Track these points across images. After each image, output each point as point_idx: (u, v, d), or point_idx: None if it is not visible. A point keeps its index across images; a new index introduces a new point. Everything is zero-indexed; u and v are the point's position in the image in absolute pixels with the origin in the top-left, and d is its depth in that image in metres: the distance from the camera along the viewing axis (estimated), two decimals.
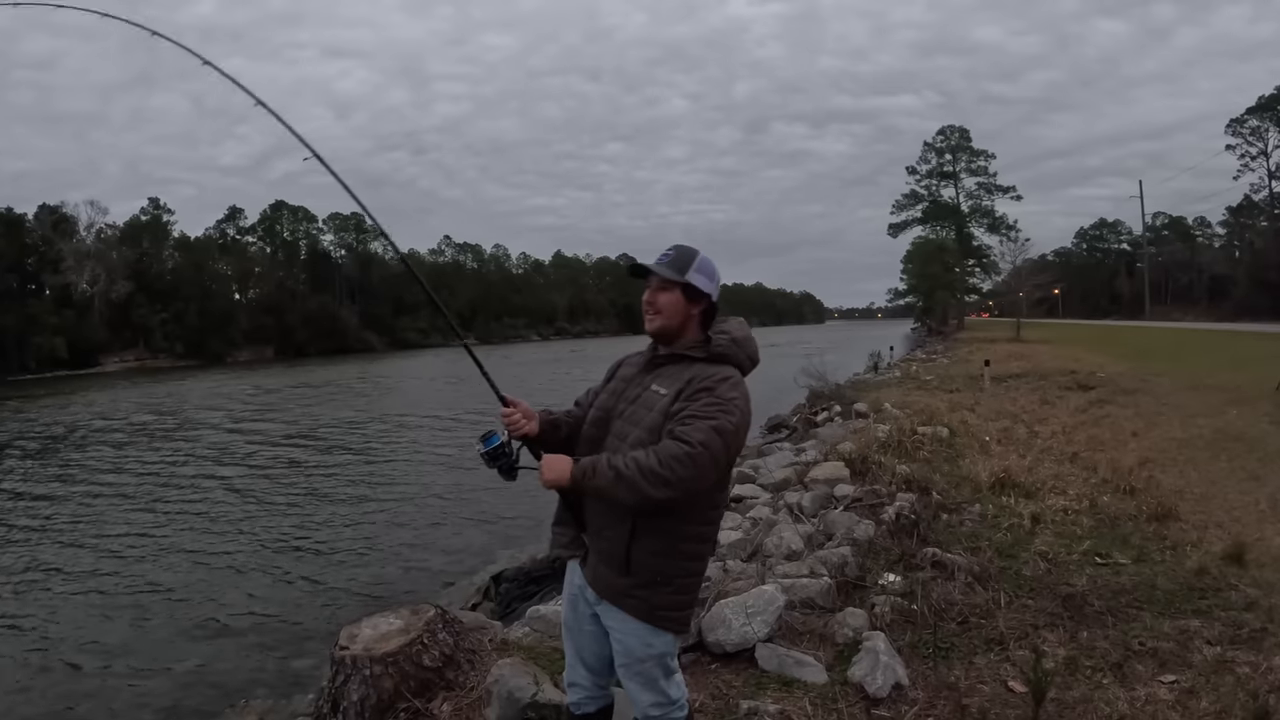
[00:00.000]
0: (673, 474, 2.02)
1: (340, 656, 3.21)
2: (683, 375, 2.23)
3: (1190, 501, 6.35)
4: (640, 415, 2.24)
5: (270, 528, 10.58)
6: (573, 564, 2.39)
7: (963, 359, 26.45)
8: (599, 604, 2.28)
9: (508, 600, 6.28)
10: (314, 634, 6.93)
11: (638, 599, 2.20)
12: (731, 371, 2.24)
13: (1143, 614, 4.13)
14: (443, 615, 3.39)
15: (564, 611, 2.49)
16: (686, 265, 2.29)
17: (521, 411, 2.34)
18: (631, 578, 2.18)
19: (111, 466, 15.67)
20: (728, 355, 2.27)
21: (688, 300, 2.30)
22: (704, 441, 2.06)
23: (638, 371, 2.39)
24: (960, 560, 4.68)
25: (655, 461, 2.03)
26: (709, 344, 2.28)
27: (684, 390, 2.19)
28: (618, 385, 2.41)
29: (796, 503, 6.42)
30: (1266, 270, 55.30)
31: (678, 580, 2.22)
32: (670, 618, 2.24)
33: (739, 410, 2.17)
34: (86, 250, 65.90)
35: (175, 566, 8.95)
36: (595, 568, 2.26)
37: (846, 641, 3.71)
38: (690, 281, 2.28)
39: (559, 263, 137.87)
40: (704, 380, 2.19)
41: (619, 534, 2.18)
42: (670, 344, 2.33)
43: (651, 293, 2.31)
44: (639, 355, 2.47)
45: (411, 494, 12.61)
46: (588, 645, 2.40)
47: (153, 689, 6.09)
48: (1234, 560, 4.85)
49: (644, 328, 2.35)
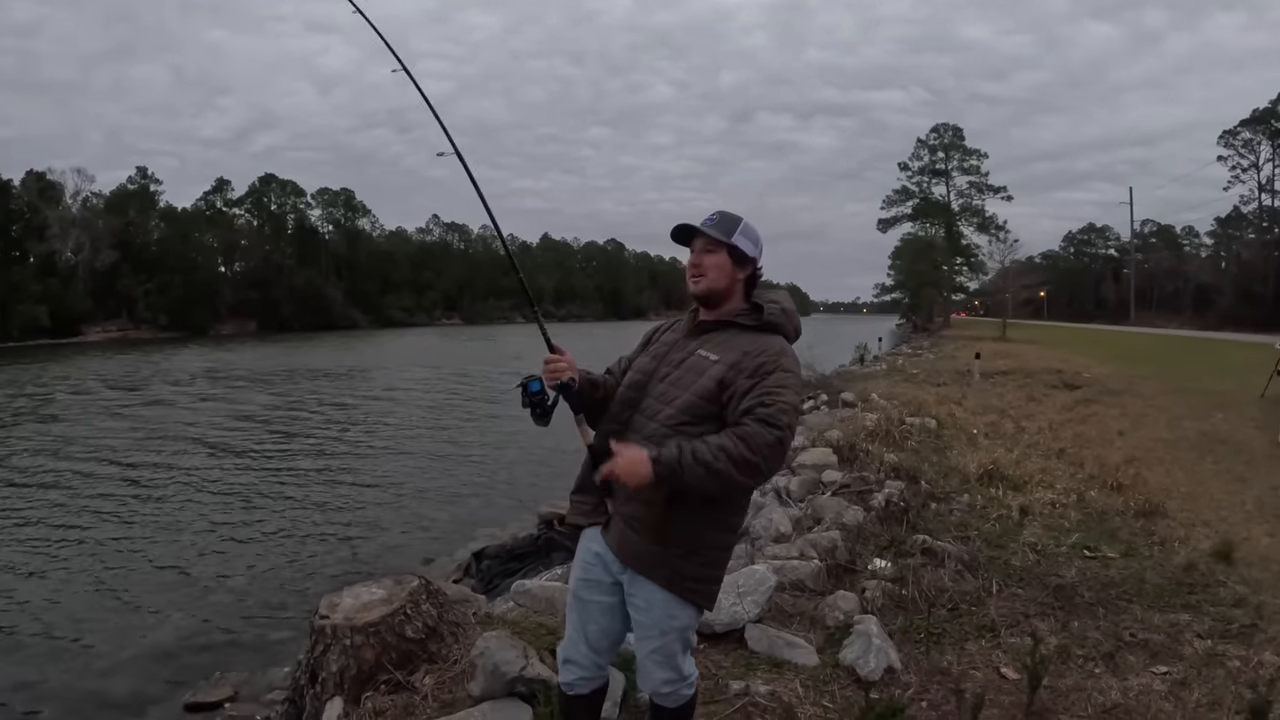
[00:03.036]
0: (766, 462, 1.97)
1: (320, 626, 3.11)
2: (736, 345, 2.16)
3: (1177, 500, 6.36)
4: (688, 380, 2.16)
5: (249, 501, 10.44)
6: (591, 530, 2.28)
7: (949, 355, 26.53)
8: (624, 573, 2.18)
9: (489, 577, 6.21)
10: (291, 607, 6.85)
11: (668, 568, 2.11)
12: (785, 344, 2.18)
13: (1133, 607, 4.12)
14: (427, 586, 3.30)
15: (573, 579, 2.34)
16: (733, 228, 2.22)
17: (566, 361, 2.25)
18: (665, 546, 2.10)
19: (88, 437, 15.41)
20: (779, 325, 2.20)
21: (734, 264, 2.23)
22: (790, 425, 2.01)
23: (682, 336, 2.31)
24: (950, 548, 4.65)
25: (747, 449, 1.95)
26: (761, 312, 2.21)
27: (741, 363, 2.10)
28: (659, 349, 2.33)
29: (784, 486, 6.38)
30: (1252, 282, 55.80)
31: (708, 552, 2.15)
32: (698, 590, 2.16)
33: (801, 384, 2.15)
34: (72, 218, 65.05)
35: (151, 537, 8.81)
36: (623, 535, 2.15)
37: (837, 624, 3.66)
38: (737, 245, 2.21)
39: (546, 245, 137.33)
40: (764, 354, 2.11)
41: (655, 500, 2.06)
42: (715, 309, 2.25)
43: (698, 254, 2.24)
44: (679, 321, 2.39)
45: (393, 470, 12.50)
46: (596, 618, 2.27)
47: (126, 660, 5.99)
48: (1222, 558, 4.86)
49: (690, 291, 2.27)
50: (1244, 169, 62.98)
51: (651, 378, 2.25)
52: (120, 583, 7.47)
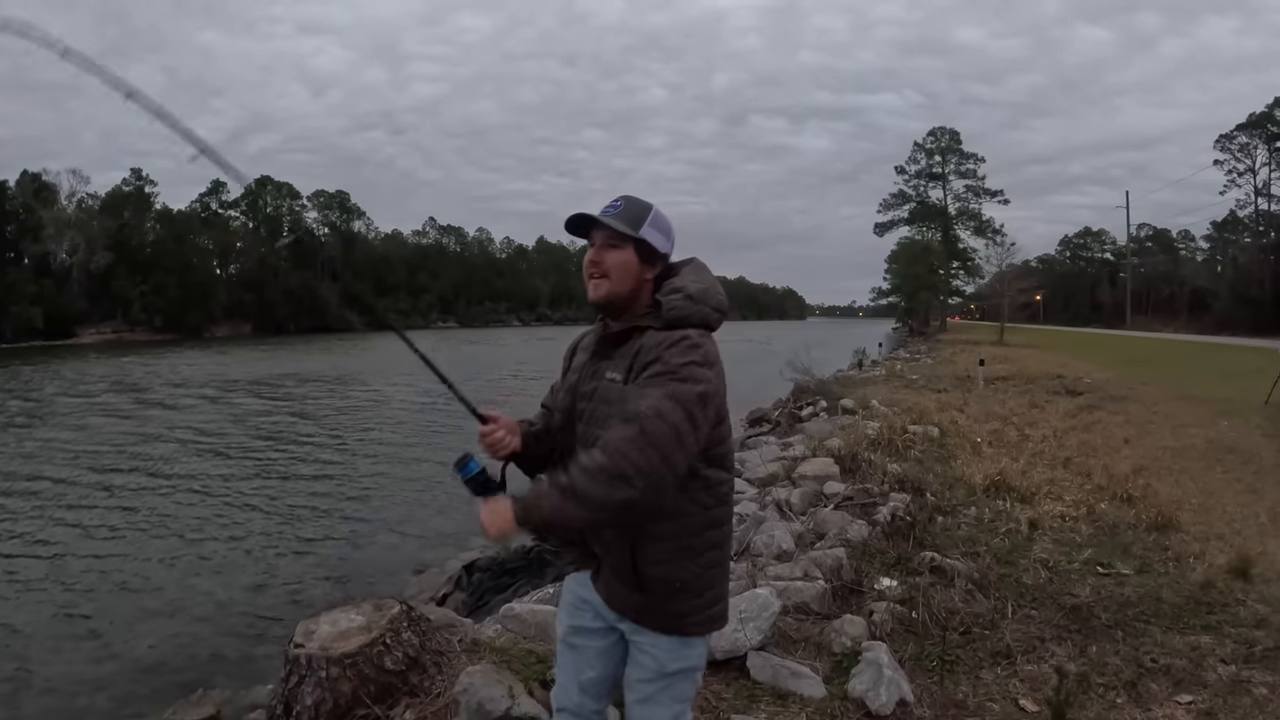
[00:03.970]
0: (628, 463, 1.63)
1: (295, 655, 2.91)
2: (631, 351, 1.85)
3: (1189, 512, 6.18)
4: (600, 414, 1.85)
5: (236, 508, 10.22)
6: (579, 575, 2.05)
7: (947, 360, 26.38)
8: (621, 621, 1.95)
9: (480, 592, 6.01)
10: (279, 619, 6.65)
11: (660, 614, 1.88)
12: (683, 334, 1.81)
13: (1151, 628, 3.94)
14: (408, 612, 3.10)
15: (561, 624, 2.12)
16: (641, 218, 1.89)
17: (503, 427, 1.97)
18: (647, 594, 1.86)
19: (73, 443, 15.15)
20: (684, 318, 1.85)
21: (641, 261, 1.89)
22: (656, 410, 1.67)
23: (588, 358, 2.00)
24: (960, 566, 4.46)
25: (601, 458, 1.65)
26: (660, 309, 1.86)
27: (632, 368, 1.81)
28: (572, 378, 2.03)
29: (785, 499, 6.19)
30: (1249, 286, 55.81)
31: (697, 582, 1.88)
32: (700, 621, 1.91)
33: (697, 370, 1.75)
34: (67, 219, 64.77)
35: (132, 547, 8.59)
36: (609, 584, 1.93)
37: (844, 651, 3.46)
38: (645, 238, 1.88)
39: (542, 248, 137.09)
40: (649, 350, 1.80)
41: (620, 548, 1.84)
42: (619, 316, 1.92)
43: (596, 250, 1.89)
44: (590, 336, 2.07)
45: (385, 476, 12.30)
46: (592, 663, 2.04)
47: (106, 675, 5.82)
48: (1239, 574, 4.68)
49: (588, 296, 1.93)
50: (1240, 173, 63.14)
51: (572, 418, 1.97)
52: (99, 596, 7.27)
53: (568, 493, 1.65)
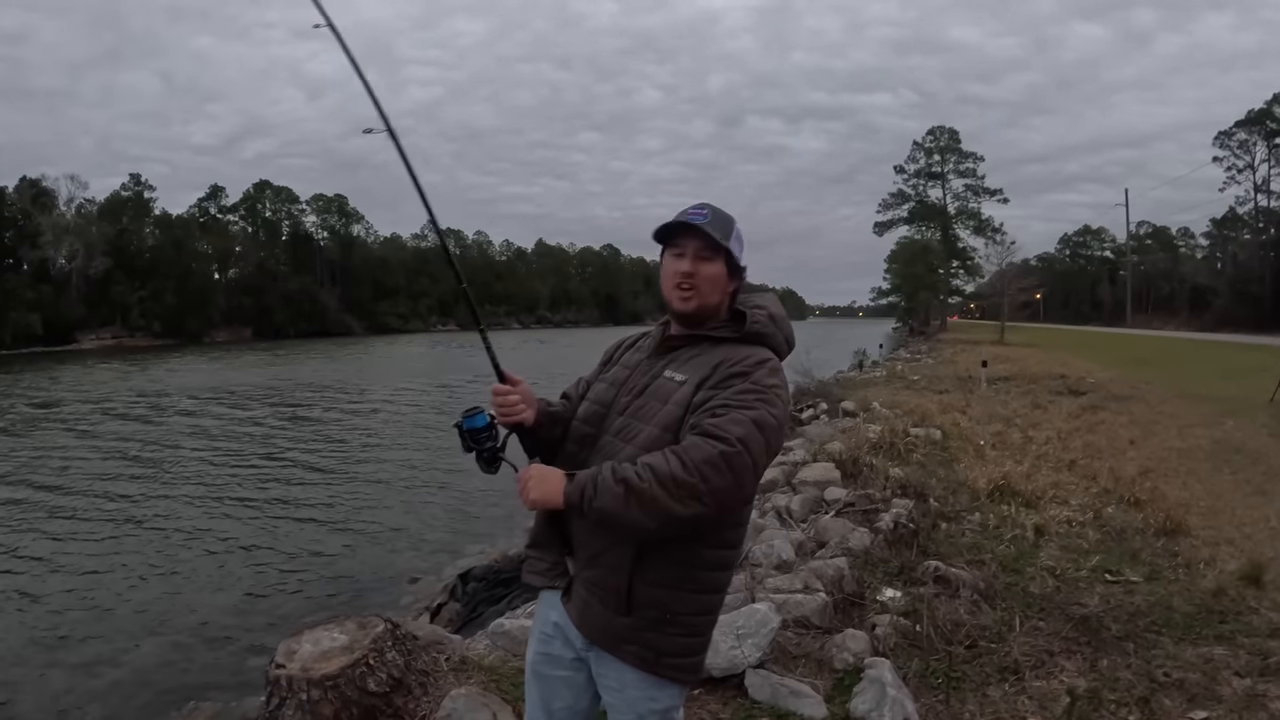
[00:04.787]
0: (705, 483, 1.52)
1: (275, 676, 2.81)
2: (708, 359, 1.75)
3: (1198, 516, 6.05)
4: (651, 409, 1.75)
5: (231, 518, 10.13)
6: (549, 595, 1.89)
7: (948, 360, 26.25)
8: (589, 650, 1.80)
9: (474, 602, 5.90)
10: (273, 629, 6.59)
11: (640, 644, 1.72)
12: (768, 355, 1.75)
13: (1163, 639, 3.81)
14: (393, 631, 2.98)
15: (531, 652, 1.96)
16: (729, 230, 1.79)
17: (521, 394, 1.86)
18: (632, 617, 1.70)
19: (66, 451, 15.07)
20: (765, 336, 1.78)
21: (729, 275, 1.81)
22: (744, 438, 1.56)
23: (646, 356, 1.90)
24: (965, 575, 4.33)
25: (679, 466, 1.53)
26: (744, 321, 1.79)
27: (710, 377, 1.70)
28: (619, 373, 1.92)
29: (785, 506, 6.08)
30: (1249, 283, 55.77)
31: (689, 619, 1.74)
32: (679, 665, 1.75)
33: (781, 401, 1.68)
34: (66, 225, 64.73)
35: (127, 557, 8.52)
36: (584, 604, 1.76)
37: (846, 668, 3.33)
38: (733, 251, 1.80)
39: (542, 251, 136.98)
40: (736, 364, 1.70)
41: (618, 560, 1.69)
42: (699, 328, 1.82)
43: (692, 262, 1.78)
44: (644, 337, 1.99)
45: (381, 484, 12.21)
46: (560, 694, 1.89)
47: (98, 686, 5.77)
48: (1251, 581, 4.56)
49: (675, 307, 1.82)
50: (1239, 170, 63.06)
51: (610, 409, 1.85)
52: (91, 606, 7.20)
53: (633, 492, 1.54)
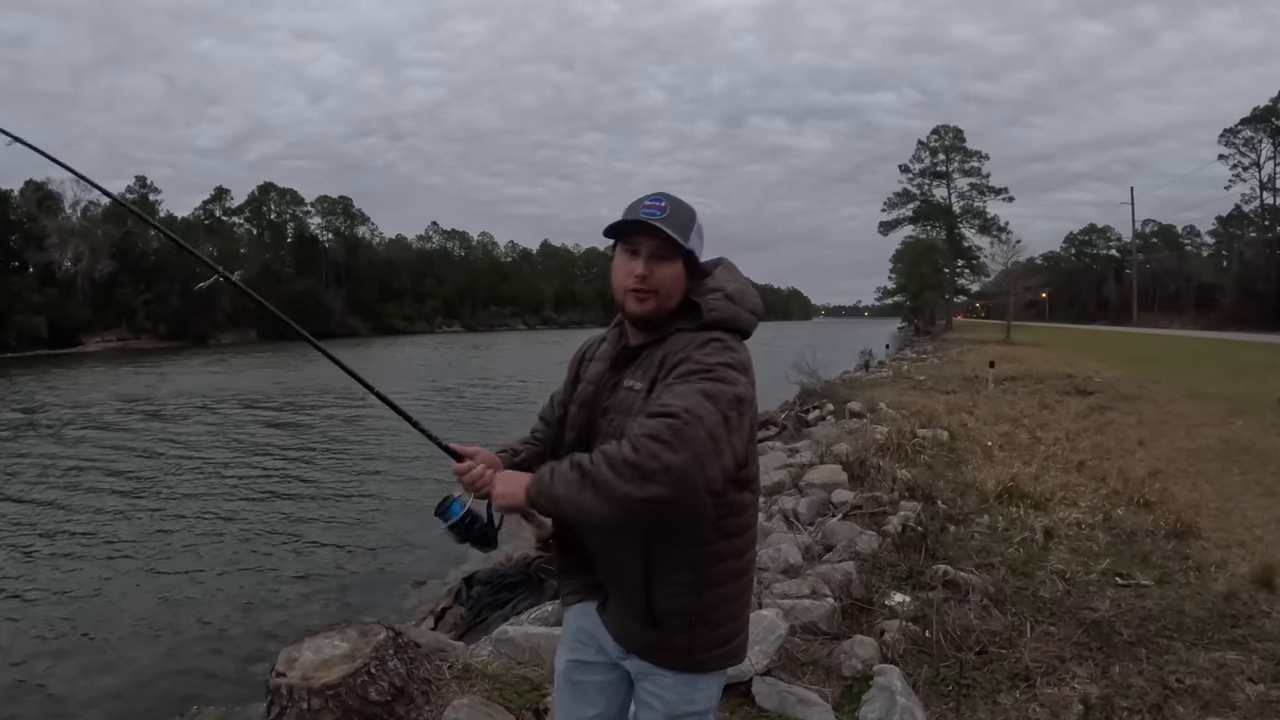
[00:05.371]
0: (655, 459, 1.42)
1: (276, 685, 2.79)
2: (656, 357, 1.67)
3: (1208, 517, 5.99)
4: (619, 425, 1.66)
5: (235, 519, 10.09)
6: (582, 605, 1.87)
7: (954, 359, 26.18)
8: (625, 657, 1.78)
9: (479, 607, 5.86)
10: (276, 635, 6.50)
11: (673, 650, 1.70)
12: (715, 334, 1.65)
13: (1175, 645, 3.76)
14: (395, 639, 2.95)
15: (560, 659, 1.94)
16: (688, 226, 1.70)
17: (482, 461, 1.78)
18: (659, 629, 1.68)
19: (70, 455, 15.00)
20: (724, 321, 1.68)
21: (688, 275, 1.71)
22: (690, 409, 1.46)
23: (607, 367, 1.81)
24: (974, 579, 4.28)
25: (629, 447, 1.45)
26: (699, 313, 1.68)
27: (659, 374, 1.63)
28: (585, 390, 1.84)
29: (792, 509, 6.02)
30: (1255, 280, 55.52)
31: (716, 614, 1.69)
32: (716, 656, 1.73)
33: (733, 372, 1.58)
34: (71, 228, 64.93)
35: (130, 562, 8.47)
36: (620, 618, 1.75)
37: (855, 675, 3.29)
38: (693, 250, 1.70)
39: (547, 252, 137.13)
40: (679, 350, 1.63)
41: (632, 576, 1.67)
42: (656, 331, 1.72)
43: (645, 264, 1.67)
44: (601, 344, 1.90)
45: (386, 487, 12.14)
46: (593, 699, 1.87)
47: (101, 691, 5.71)
48: (1263, 585, 4.50)
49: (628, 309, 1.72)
50: (1245, 167, 62.87)
51: (589, 433, 1.77)
52: (95, 611, 7.16)
53: (587, 477, 1.48)
